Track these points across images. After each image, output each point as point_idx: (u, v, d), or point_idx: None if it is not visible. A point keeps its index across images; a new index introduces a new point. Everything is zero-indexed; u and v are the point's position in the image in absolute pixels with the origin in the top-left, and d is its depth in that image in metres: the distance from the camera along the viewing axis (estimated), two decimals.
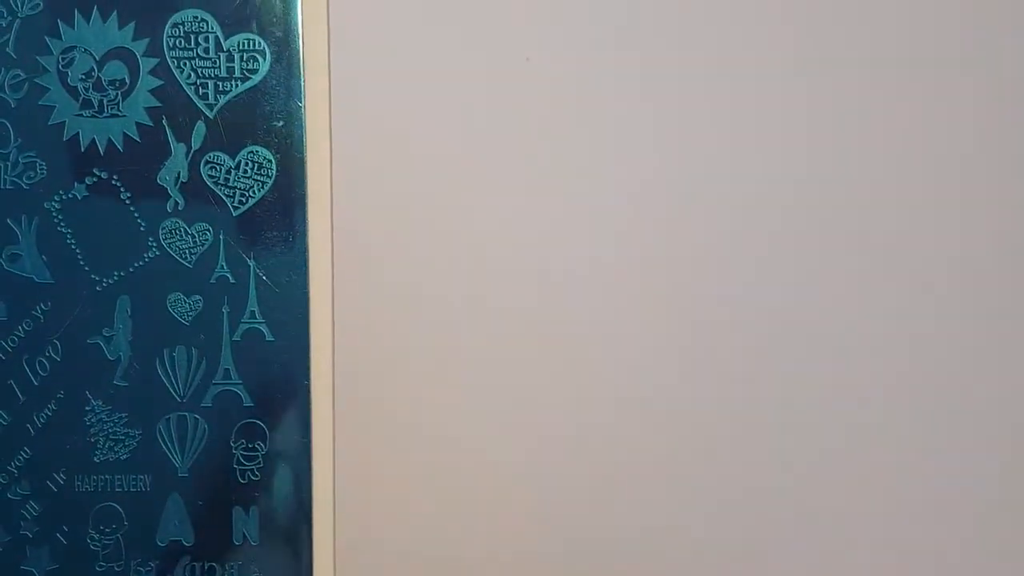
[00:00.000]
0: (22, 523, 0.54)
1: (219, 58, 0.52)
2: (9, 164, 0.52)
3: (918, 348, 0.57)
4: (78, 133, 0.52)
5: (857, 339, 0.57)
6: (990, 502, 0.59)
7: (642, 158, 0.56)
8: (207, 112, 0.52)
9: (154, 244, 0.53)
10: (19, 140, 0.52)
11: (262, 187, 0.52)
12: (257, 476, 0.54)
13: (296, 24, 0.52)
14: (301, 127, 0.52)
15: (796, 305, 0.57)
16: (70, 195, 0.52)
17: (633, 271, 0.56)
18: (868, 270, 0.57)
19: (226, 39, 0.52)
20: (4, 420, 0.54)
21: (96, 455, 0.54)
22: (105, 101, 0.52)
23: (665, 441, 0.57)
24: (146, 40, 0.51)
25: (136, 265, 0.53)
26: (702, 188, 0.56)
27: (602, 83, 0.56)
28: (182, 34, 0.51)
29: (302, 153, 0.52)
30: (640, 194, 0.56)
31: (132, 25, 0.51)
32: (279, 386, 0.54)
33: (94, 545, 0.54)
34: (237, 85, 0.52)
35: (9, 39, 0.51)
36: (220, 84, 0.52)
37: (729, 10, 0.56)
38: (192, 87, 0.52)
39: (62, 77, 0.52)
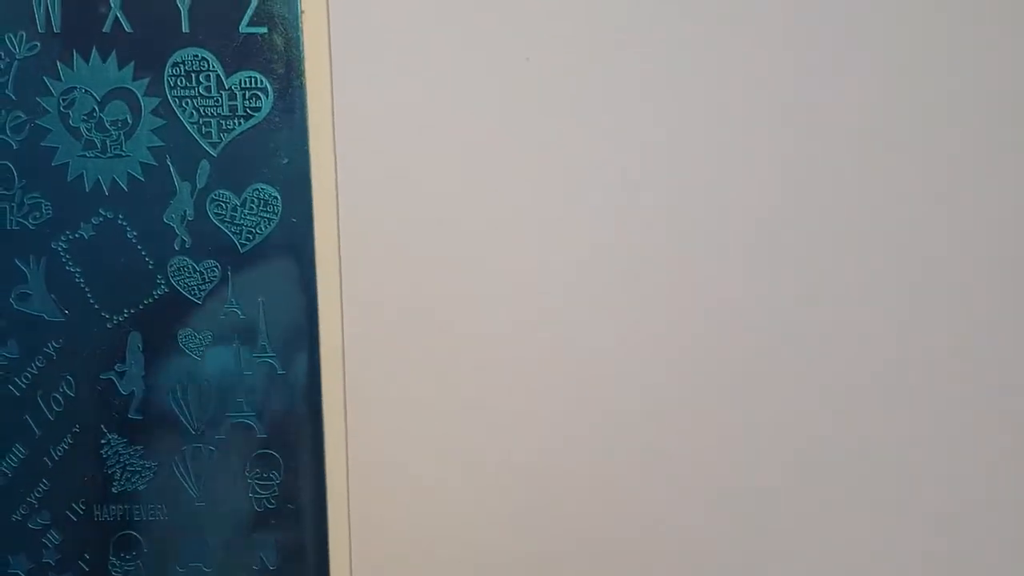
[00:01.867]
0: (44, 551, 0.56)
1: (221, 96, 0.51)
2: (15, 205, 0.52)
3: (918, 348, 0.58)
4: (82, 173, 0.52)
5: (857, 340, 0.58)
6: (990, 503, 0.60)
7: (642, 158, 0.56)
8: (211, 151, 0.52)
9: (163, 281, 0.53)
10: (23, 181, 0.52)
11: (268, 224, 0.52)
12: (273, 504, 0.55)
13: (298, 60, 0.51)
14: (306, 163, 0.52)
15: (796, 306, 0.57)
16: (77, 235, 0.52)
17: (633, 271, 0.57)
18: (868, 271, 0.57)
19: (228, 77, 0.51)
20: (21, 453, 0.55)
21: (114, 486, 0.55)
22: (108, 141, 0.51)
23: (664, 441, 0.58)
24: (146, 80, 0.51)
25: (146, 302, 0.53)
26: (702, 188, 0.56)
27: (602, 83, 0.55)
28: (183, 73, 0.51)
29: (308, 189, 0.52)
30: (640, 194, 0.56)
31: (132, 65, 0.51)
32: (292, 417, 0.54)
33: (115, 571, 0.56)
34: (240, 123, 0.51)
35: (8, 81, 0.51)
36: (223, 122, 0.51)
37: (729, 10, 0.55)
38: (195, 126, 0.51)
39: (64, 118, 0.51)
